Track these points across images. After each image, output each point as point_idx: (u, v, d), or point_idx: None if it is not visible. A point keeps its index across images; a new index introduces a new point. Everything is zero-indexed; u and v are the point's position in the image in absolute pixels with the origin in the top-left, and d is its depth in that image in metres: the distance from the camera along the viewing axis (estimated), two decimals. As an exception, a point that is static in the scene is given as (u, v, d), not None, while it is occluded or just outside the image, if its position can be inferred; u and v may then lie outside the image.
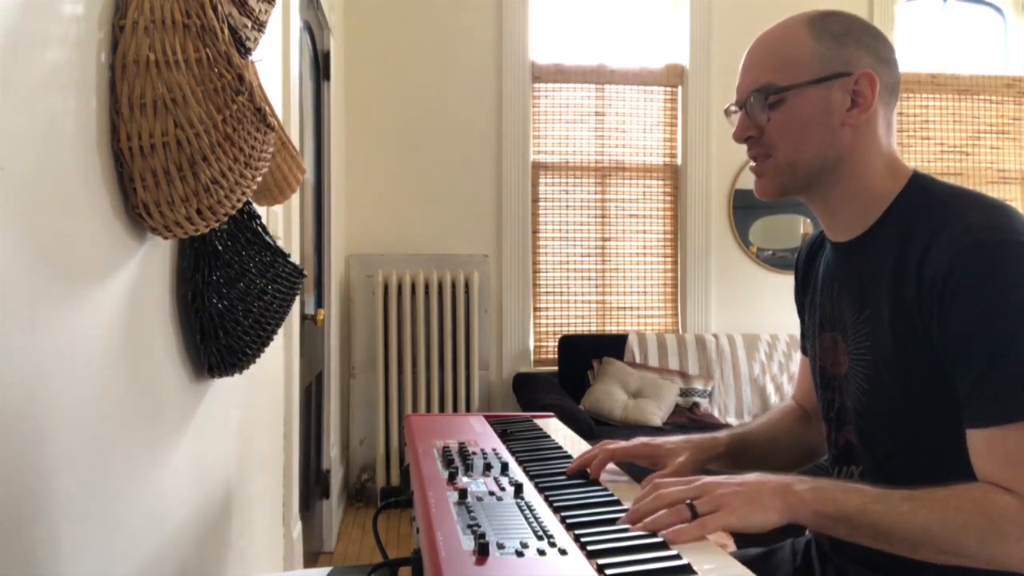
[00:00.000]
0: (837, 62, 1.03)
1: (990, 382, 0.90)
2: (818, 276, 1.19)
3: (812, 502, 0.89)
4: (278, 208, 2.05)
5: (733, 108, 1.11)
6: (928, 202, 1.02)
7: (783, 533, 1.21)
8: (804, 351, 1.29)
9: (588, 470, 1.09)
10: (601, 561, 0.74)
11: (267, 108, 1.14)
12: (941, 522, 0.87)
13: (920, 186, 1.05)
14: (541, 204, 4.08)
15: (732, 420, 3.75)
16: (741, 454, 1.23)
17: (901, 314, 0.99)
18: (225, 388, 1.54)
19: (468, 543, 0.74)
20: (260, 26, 1.25)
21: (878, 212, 1.06)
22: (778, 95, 1.04)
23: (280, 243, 1.70)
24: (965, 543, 0.86)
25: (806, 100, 1.04)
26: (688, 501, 0.88)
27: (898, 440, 1.03)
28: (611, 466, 1.13)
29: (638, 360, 3.83)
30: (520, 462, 1.10)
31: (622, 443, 1.15)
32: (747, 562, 1.24)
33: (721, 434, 1.23)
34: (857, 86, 1.03)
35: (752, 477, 0.92)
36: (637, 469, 1.15)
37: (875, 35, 1.07)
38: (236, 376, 1.44)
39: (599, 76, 4.08)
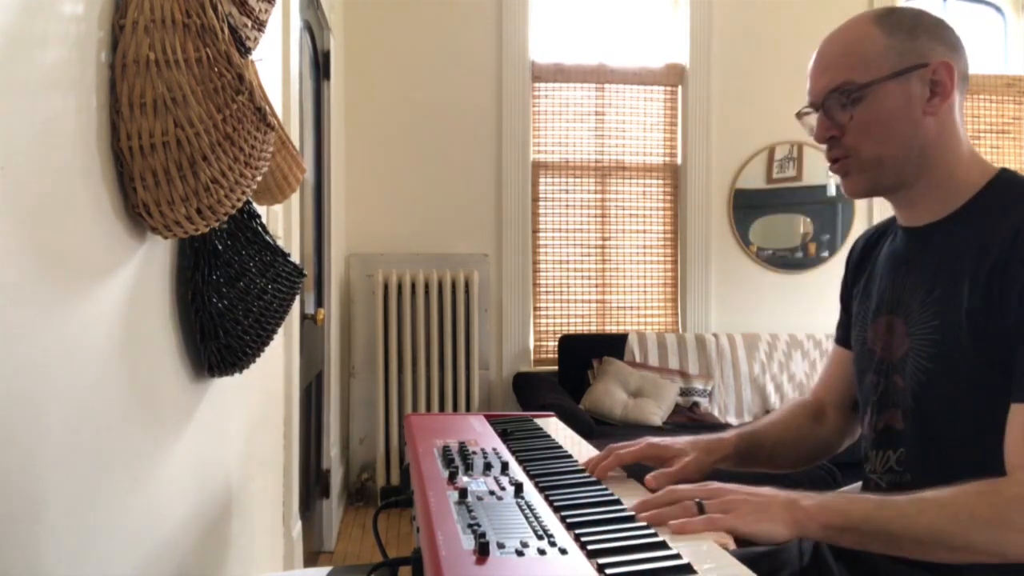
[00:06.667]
0: (913, 54, 1.05)
1: None
2: (877, 263, 1.20)
3: (819, 516, 0.90)
4: (278, 208, 2.05)
5: (806, 110, 1.12)
6: (1021, 191, 1.04)
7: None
8: (839, 341, 1.30)
9: (590, 469, 1.09)
10: (601, 560, 0.74)
11: (267, 107, 1.14)
12: (948, 519, 0.87)
13: (1010, 178, 1.07)
14: (541, 204, 4.08)
15: (732, 420, 3.75)
16: (749, 454, 1.23)
17: (979, 297, 0.99)
18: (225, 388, 1.54)
19: (468, 542, 0.74)
20: (260, 26, 1.25)
21: (962, 200, 1.07)
22: (859, 92, 1.05)
23: (280, 243, 1.70)
24: (975, 537, 0.87)
25: (887, 95, 1.05)
26: (698, 500, 0.88)
27: (955, 424, 1.03)
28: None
29: (638, 360, 3.83)
30: (520, 461, 1.10)
31: (630, 447, 1.15)
32: (751, 560, 1.24)
33: (728, 434, 1.23)
34: (935, 75, 1.05)
35: (763, 489, 0.93)
36: (641, 468, 1.15)
37: (944, 25, 1.09)
38: (236, 376, 1.44)
39: (599, 76, 4.08)
